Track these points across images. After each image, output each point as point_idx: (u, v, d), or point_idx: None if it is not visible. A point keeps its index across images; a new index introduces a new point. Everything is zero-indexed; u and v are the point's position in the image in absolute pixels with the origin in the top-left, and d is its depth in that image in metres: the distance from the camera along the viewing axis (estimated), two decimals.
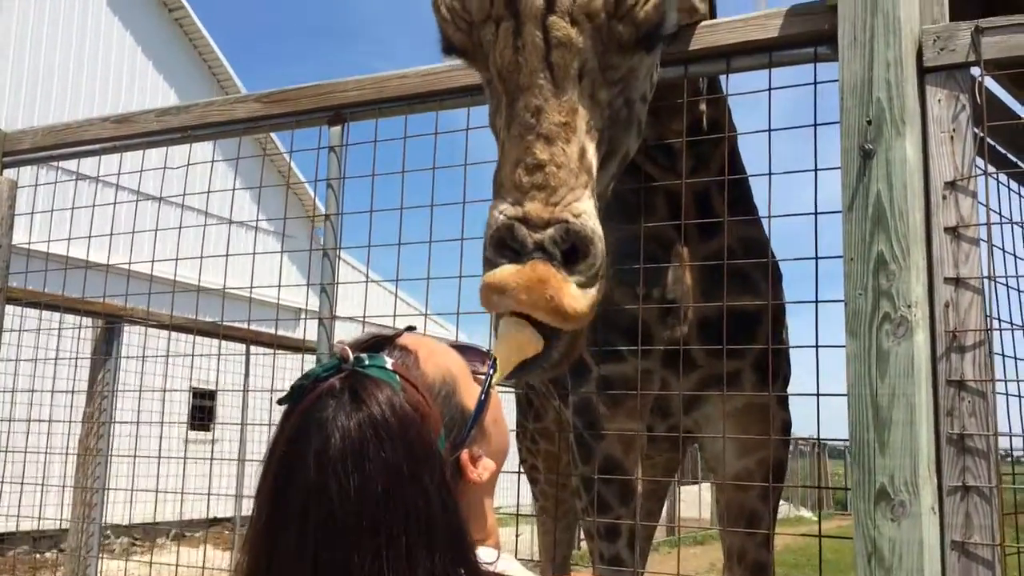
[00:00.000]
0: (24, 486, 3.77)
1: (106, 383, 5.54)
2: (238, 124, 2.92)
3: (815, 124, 2.01)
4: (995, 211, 1.78)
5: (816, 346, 2.04)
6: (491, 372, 1.22)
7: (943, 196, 1.75)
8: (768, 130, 2.10)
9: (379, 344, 1.14)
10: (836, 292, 1.78)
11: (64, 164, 3.53)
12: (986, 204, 1.74)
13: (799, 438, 15.98)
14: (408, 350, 1.14)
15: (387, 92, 2.61)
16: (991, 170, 1.80)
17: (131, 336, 5.68)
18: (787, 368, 2.72)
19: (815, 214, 2.00)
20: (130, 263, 2.82)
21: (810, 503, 20.23)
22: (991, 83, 2.08)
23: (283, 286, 2.72)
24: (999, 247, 1.83)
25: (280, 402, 1.09)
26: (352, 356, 1.08)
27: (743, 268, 2.42)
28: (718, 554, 2.93)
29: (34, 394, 3.69)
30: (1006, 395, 1.82)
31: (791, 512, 18.04)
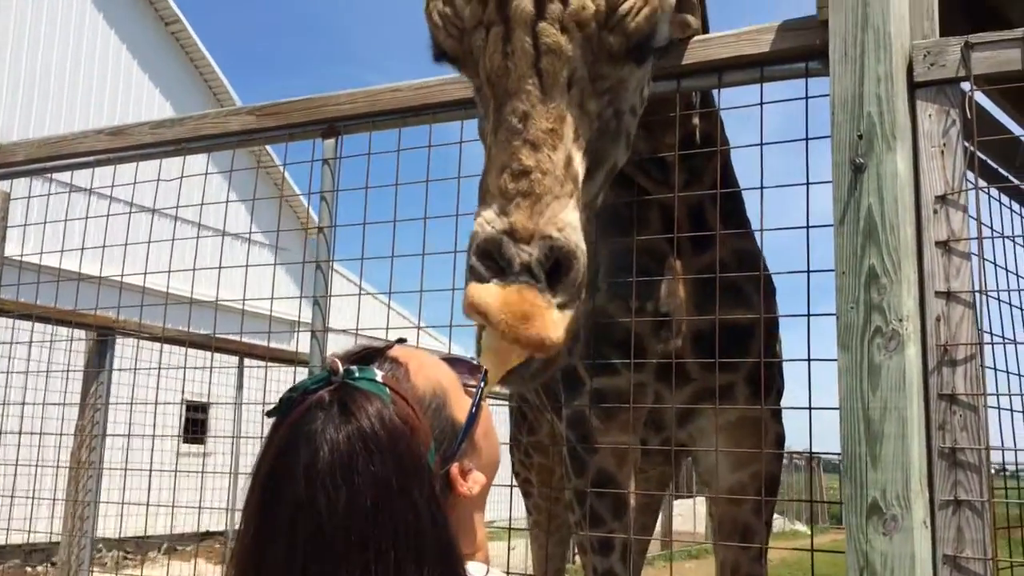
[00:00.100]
0: (15, 499, 3.75)
1: (99, 395, 5.51)
2: (232, 137, 2.92)
3: (807, 138, 2.02)
4: (986, 225, 1.79)
5: (808, 359, 2.04)
6: (482, 385, 1.22)
7: (934, 210, 1.75)
8: (760, 144, 2.11)
9: (369, 356, 1.13)
10: (828, 305, 1.79)
11: (58, 176, 3.52)
12: (977, 218, 1.75)
13: (794, 452, 15.95)
14: (398, 362, 1.13)
15: (380, 105, 2.62)
16: (982, 184, 1.81)
17: (124, 349, 5.66)
18: (780, 381, 2.71)
19: (807, 228, 2.01)
20: (123, 275, 2.81)
21: (805, 517, 20.18)
22: (981, 98, 2.09)
23: (276, 298, 2.72)
24: (990, 261, 1.84)
25: (269, 414, 1.09)
26: (342, 368, 1.07)
27: (736, 281, 2.42)
28: (713, 568, 2.91)
29: (26, 406, 3.68)
30: (998, 409, 1.82)
31: (786, 526, 17.99)
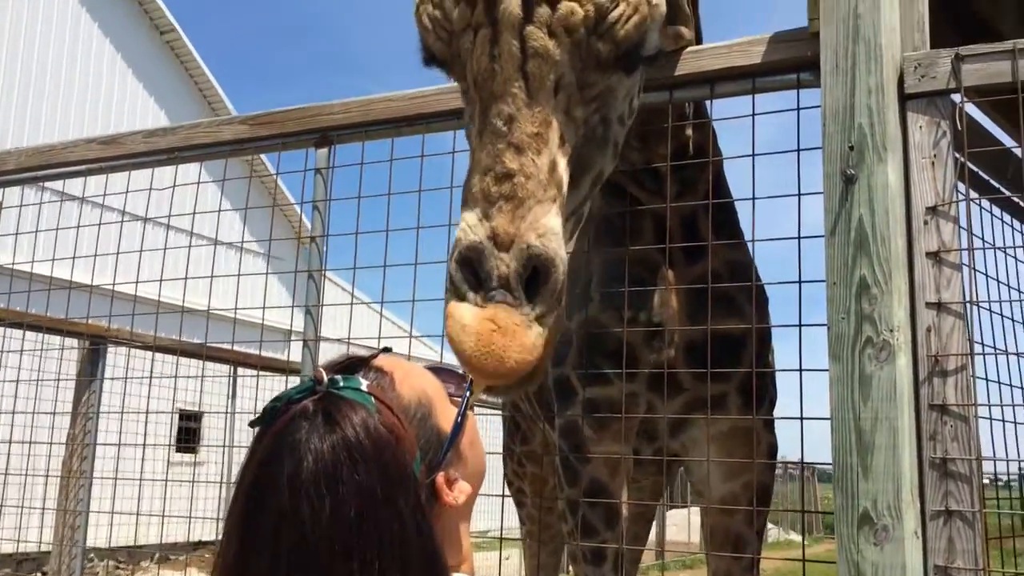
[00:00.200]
0: (6, 508, 3.73)
1: (90, 404, 5.50)
2: (225, 146, 2.92)
3: (798, 149, 2.02)
4: (976, 236, 1.79)
5: (800, 369, 2.04)
6: (467, 394, 1.21)
7: (924, 221, 1.76)
8: (752, 155, 2.11)
9: (354, 366, 1.13)
10: (819, 316, 1.79)
11: (50, 184, 3.51)
12: (968, 229, 1.75)
13: (787, 462, 15.93)
14: (383, 371, 1.13)
15: (374, 115, 2.62)
16: (972, 195, 1.82)
17: (116, 357, 5.65)
18: (773, 391, 2.72)
19: (798, 238, 2.01)
20: (114, 284, 2.80)
21: (799, 527, 20.15)
22: (972, 109, 2.09)
23: (268, 308, 2.72)
24: (981, 272, 1.84)
25: (252, 424, 1.08)
26: (326, 378, 1.07)
27: (729, 292, 2.42)
28: None
29: (16, 415, 3.66)
30: (989, 419, 1.82)
31: (781, 536, 17.96)
